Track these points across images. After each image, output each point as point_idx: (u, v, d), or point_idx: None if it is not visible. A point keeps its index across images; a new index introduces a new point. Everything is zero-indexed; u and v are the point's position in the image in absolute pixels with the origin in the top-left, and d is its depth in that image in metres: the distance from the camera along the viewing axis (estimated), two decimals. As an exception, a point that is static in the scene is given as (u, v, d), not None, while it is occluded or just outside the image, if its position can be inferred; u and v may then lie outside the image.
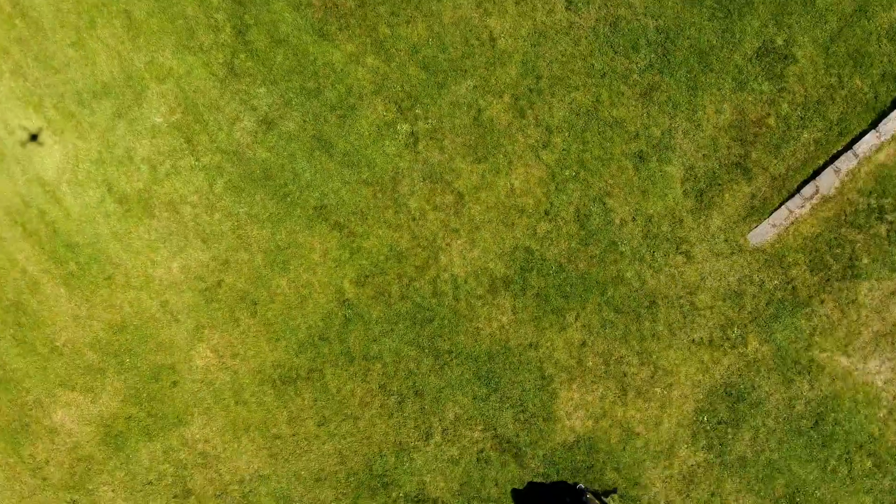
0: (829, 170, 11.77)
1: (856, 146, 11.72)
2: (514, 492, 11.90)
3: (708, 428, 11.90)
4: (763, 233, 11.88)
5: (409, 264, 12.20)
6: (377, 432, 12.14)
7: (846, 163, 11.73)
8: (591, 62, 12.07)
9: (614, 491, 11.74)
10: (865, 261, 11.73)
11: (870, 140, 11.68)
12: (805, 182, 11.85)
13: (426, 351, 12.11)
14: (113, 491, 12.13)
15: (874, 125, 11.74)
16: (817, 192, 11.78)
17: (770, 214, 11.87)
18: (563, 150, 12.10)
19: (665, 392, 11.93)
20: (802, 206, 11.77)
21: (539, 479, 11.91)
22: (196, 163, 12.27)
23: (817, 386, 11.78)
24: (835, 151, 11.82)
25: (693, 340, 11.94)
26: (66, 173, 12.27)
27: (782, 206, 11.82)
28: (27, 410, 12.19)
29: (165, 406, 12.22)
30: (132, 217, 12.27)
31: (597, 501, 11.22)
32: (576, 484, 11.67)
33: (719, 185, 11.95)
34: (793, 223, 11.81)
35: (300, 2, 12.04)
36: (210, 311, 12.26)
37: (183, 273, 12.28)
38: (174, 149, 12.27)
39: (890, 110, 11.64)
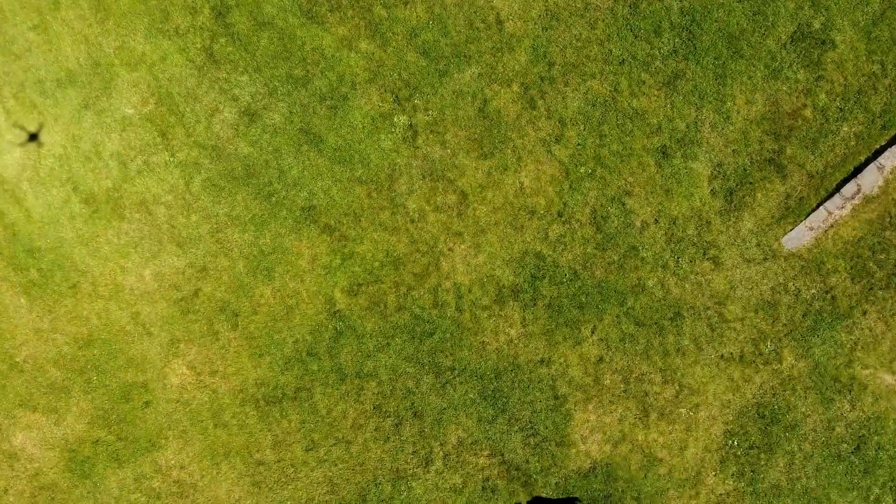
0: (871, 167, 11.70)
1: (902, 140, 11.83)
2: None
3: (738, 453, 11.93)
4: (799, 236, 11.79)
5: (408, 271, 12.13)
6: (372, 458, 12.13)
7: (890, 159, 11.67)
8: (608, 47, 12.02)
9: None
10: (912, 267, 11.80)
11: (918, 134, 11.79)
12: (845, 180, 11.81)
13: (426, 368, 12.11)
14: (78, 523, 12.32)
15: (922, 117, 11.78)
16: (859, 191, 11.67)
17: (807, 216, 11.82)
18: (578, 144, 12.06)
19: (691, 413, 11.95)
20: (842, 207, 11.70)
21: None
22: (171, 159, 12.20)
23: (859, 406, 11.81)
24: (878, 146, 11.83)
25: (722, 356, 11.95)
26: (27, 171, 12.18)
27: (820, 207, 11.76)
28: (-17, 433, 12.35)
29: (137, 429, 12.19)
30: (100, 219, 12.19)
31: None
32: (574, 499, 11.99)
33: (750, 183, 11.92)
34: (832, 226, 11.75)
35: (287, -19, 12.31)
36: (186, 324, 12.21)
37: (156, 281, 12.21)
38: (147, 143, 12.20)
39: (941, 101, 11.66)
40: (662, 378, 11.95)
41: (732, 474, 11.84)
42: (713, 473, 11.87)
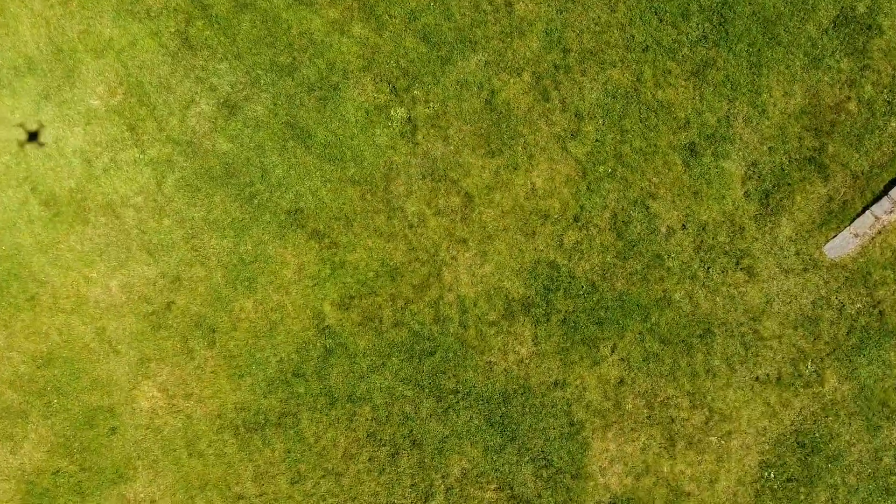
0: (924, 167, 11.67)
1: (958, 137, 11.72)
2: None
3: (775, 486, 11.88)
4: (843, 244, 11.74)
5: (406, 283, 12.10)
6: (365, 492, 12.09)
7: (945, 158, 11.69)
8: (630, 32, 12.00)
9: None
10: (969, 279, 11.76)
11: (977, 129, 11.69)
12: (894, 181, 11.75)
13: (426, 391, 12.09)
14: (36, 563, 12.42)
15: (979, 111, 11.82)
16: (910, 193, 11.69)
17: (851, 221, 11.77)
18: (597, 141, 12.05)
19: (722, 442, 11.94)
20: (891, 212, 11.60)
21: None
22: (141, 156, 12.11)
23: (910, 434, 11.93)
24: (931, 144, 11.89)
25: (757, 378, 11.94)
26: (-20, 169, 12.16)
27: (866, 212, 11.69)
28: (-69, 463, 12.28)
29: (102, 458, 12.07)
30: (62, 223, 12.10)
31: None
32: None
33: (789, 184, 11.93)
34: (879, 232, 11.68)
35: (271, -42, 12.35)
36: (157, 341, 12.13)
37: (124, 293, 12.11)
38: (114, 139, 12.12)
39: None
40: (690, 402, 11.92)
41: (769, 510, 12.02)
42: (747, 509, 12.03)
